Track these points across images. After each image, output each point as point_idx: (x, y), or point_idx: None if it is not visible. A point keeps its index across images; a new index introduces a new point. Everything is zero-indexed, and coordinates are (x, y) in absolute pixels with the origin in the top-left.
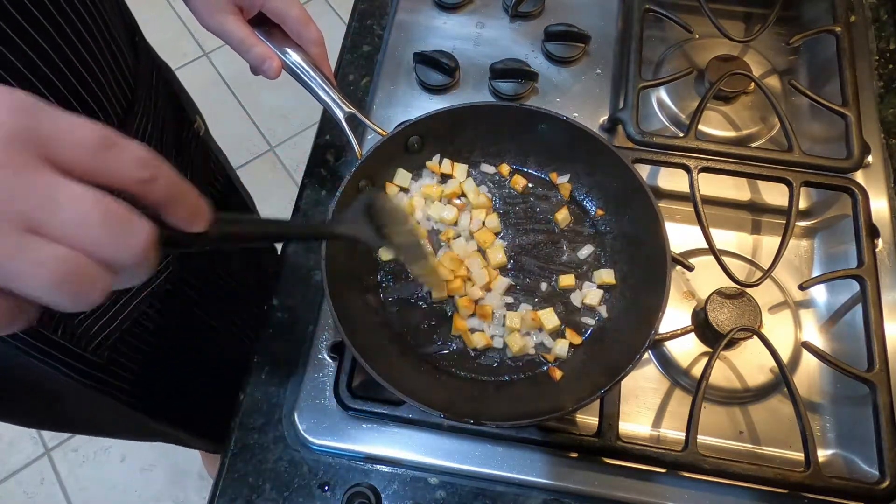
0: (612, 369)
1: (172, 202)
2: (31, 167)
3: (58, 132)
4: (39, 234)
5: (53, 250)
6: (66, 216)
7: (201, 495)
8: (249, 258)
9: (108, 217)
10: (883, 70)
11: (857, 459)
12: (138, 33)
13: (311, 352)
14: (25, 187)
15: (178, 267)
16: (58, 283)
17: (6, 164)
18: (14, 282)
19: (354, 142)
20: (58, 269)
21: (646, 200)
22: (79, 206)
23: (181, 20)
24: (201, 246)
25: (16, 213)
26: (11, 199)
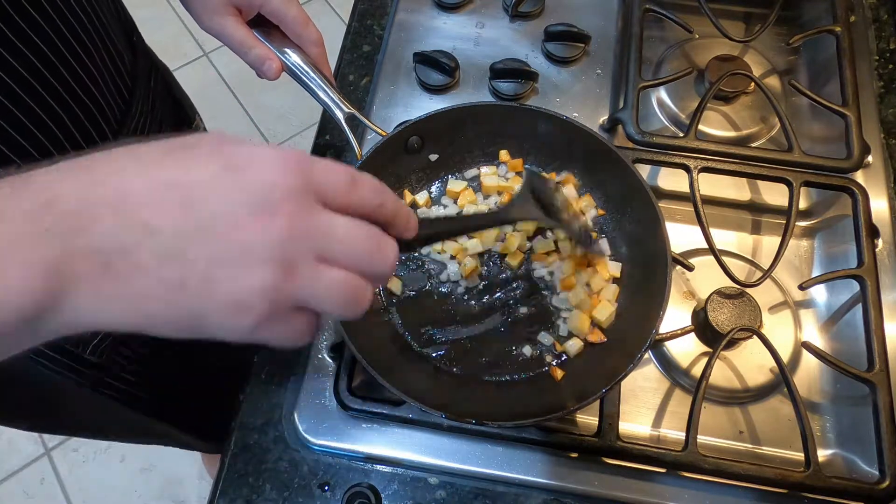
0: (612, 369)
1: (394, 218)
2: (314, 210)
3: (324, 179)
4: (326, 261)
5: (337, 275)
6: (343, 244)
7: (201, 495)
8: None
9: (370, 242)
10: (883, 70)
11: (857, 459)
12: (136, 33)
13: (311, 352)
14: (314, 227)
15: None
16: (344, 300)
17: (300, 212)
18: (315, 301)
19: (354, 142)
20: (343, 289)
21: (646, 200)
22: (349, 236)
23: (181, 20)
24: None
25: (310, 248)
26: (308, 238)
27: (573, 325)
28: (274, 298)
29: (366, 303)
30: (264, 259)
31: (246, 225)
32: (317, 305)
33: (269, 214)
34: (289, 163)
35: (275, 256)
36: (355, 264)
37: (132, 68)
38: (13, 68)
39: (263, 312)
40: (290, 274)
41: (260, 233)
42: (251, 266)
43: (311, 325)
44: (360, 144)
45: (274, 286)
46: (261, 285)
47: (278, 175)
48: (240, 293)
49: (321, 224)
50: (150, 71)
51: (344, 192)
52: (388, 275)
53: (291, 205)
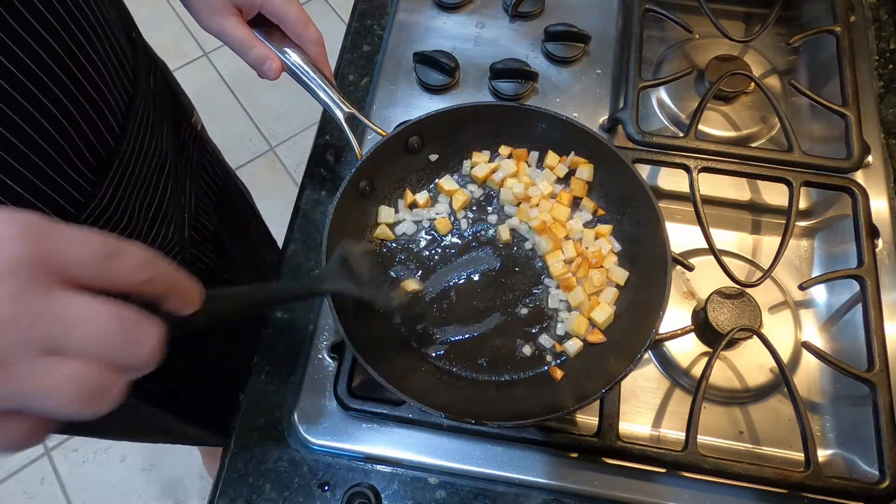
0: (612, 369)
1: (169, 293)
2: (43, 291)
3: (66, 250)
4: (56, 354)
5: (70, 369)
6: (81, 333)
7: (201, 495)
8: (250, 258)
9: (121, 326)
10: (883, 70)
11: (857, 459)
12: (135, 30)
13: (311, 352)
14: (41, 312)
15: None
16: (78, 398)
17: (22, 293)
18: (35, 404)
19: (354, 142)
20: (77, 386)
21: (646, 200)
22: (92, 320)
23: (181, 20)
24: (197, 325)
25: (33, 339)
26: (28, 327)
27: (571, 326)
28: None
29: (110, 402)
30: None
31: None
32: (36, 408)
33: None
34: (17, 233)
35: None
36: (98, 355)
37: (133, 63)
38: (20, 59)
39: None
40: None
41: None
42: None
43: (31, 429)
44: (360, 144)
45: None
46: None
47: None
48: None
49: (50, 308)
50: (150, 67)
51: (94, 267)
52: (146, 364)
53: (9, 285)
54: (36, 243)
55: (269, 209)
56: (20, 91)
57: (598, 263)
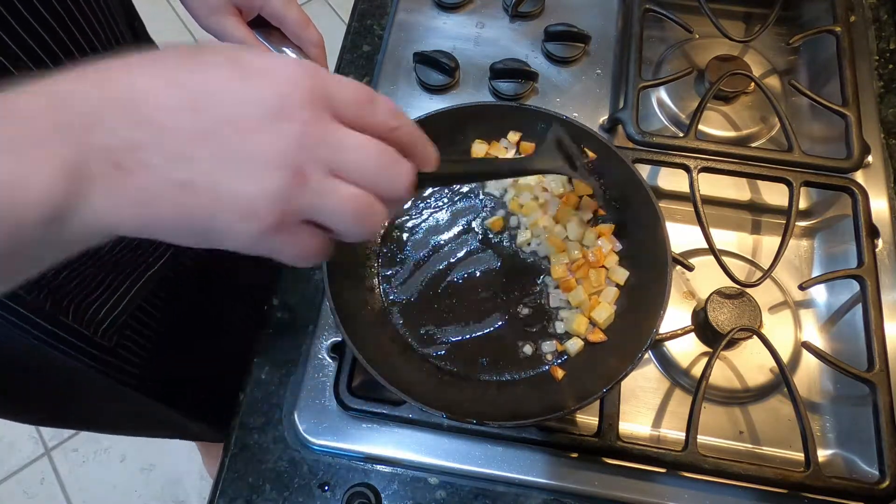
0: (612, 369)
1: (412, 146)
2: (326, 121)
3: (340, 92)
4: (338, 175)
5: (349, 190)
6: (355, 160)
7: (201, 495)
8: (250, 257)
9: (384, 159)
10: (883, 70)
11: (857, 459)
12: (137, 19)
13: (311, 352)
14: (329, 138)
15: (174, 253)
16: (355, 216)
17: (315, 121)
18: (326, 216)
19: None
20: (354, 205)
21: (646, 200)
22: (363, 151)
23: (181, 20)
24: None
25: (324, 159)
26: (321, 148)
27: (571, 325)
28: (282, 206)
29: (377, 223)
30: (274, 165)
31: (257, 130)
32: (326, 219)
33: (281, 121)
34: (304, 74)
35: (285, 163)
36: (368, 181)
37: (135, 51)
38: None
39: (271, 220)
40: (300, 183)
41: (271, 138)
42: (260, 171)
43: (320, 244)
44: None
45: (282, 193)
46: (268, 191)
47: (293, 84)
48: (247, 198)
49: (334, 136)
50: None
51: (359, 109)
52: (403, 196)
53: (305, 113)
54: (319, 86)
55: None
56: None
57: (599, 263)
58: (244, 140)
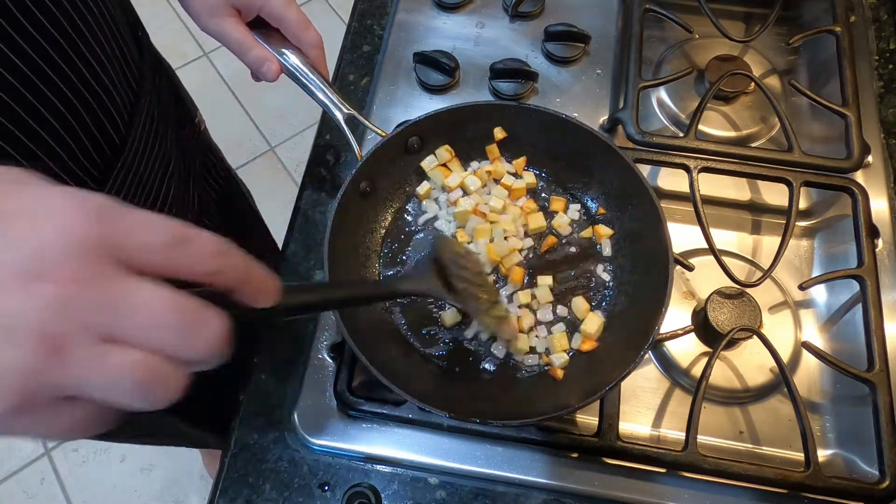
0: (612, 369)
1: (241, 285)
2: (106, 276)
3: (132, 235)
4: (114, 341)
5: (131, 357)
6: (142, 321)
7: (201, 495)
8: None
9: (183, 317)
10: (883, 70)
11: (857, 459)
12: (141, 28)
13: (311, 352)
14: (103, 298)
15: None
16: (136, 388)
17: (84, 278)
18: (95, 391)
19: (354, 143)
20: (135, 375)
21: (647, 199)
22: (154, 309)
23: (181, 20)
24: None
25: (94, 324)
26: (90, 312)
27: (551, 343)
28: (26, 384)
29: (171, 393)
30: (18, 333)
31: (2, 291)
32: (95, 395)
33: (35, 279)
34: (83, 214)
35: (31, 331)
36: (159, 346)
37: (139, 62)
38: (28, 55)
39: (12, 402)
40: (54, 355)
41: (19, 302)
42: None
43: (88, 418)
44: (359, 145)
45: (25, 369)
46: (8, 366)
47: (65, 228)
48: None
49: (112, 293)
50: (155, 66)
51: (161, 254)
52: (208, 357)
53: (69, 267)
54: (104, 226)
55: (269, 209)
56: (27, 86)
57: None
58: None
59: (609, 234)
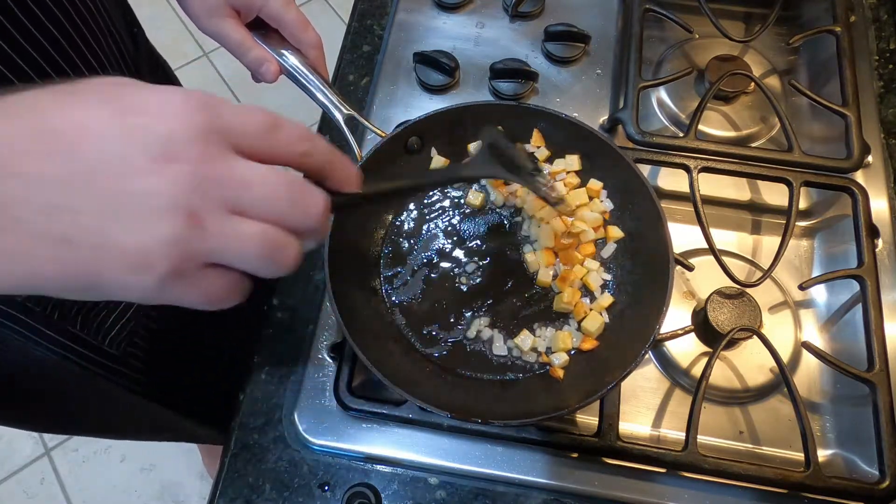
0: (613, 369)
1: (328, 170)
2: (222, 157)
3: (236, 122)
4: (239, 213)
5: (253, 227)
6: (258, 195)
7: (201, 495)
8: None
9: (291, 191)
10: (883, 70)
11: (857, 459)
12: (136, 25)
13: (311, 352)
14: (225, 174)
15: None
16: (262, 254)
17: (207, 158)
18: (231, 257)
19: (354, 143)
20: (261, 241)
21: (648, 199)
22: (266, 185)
23: (181, 20)
24: (359, 204)
25: (220, 198)
26: (219, 187)
27: (555, 343)
28: (178, 253)
29: (290, 259)
30: (163, 209)
31: (141, 172)
32: (232, 261)
33: (168, 160)
34: (192, 105)
35: (176, 206)
36: (275, 216)
37: (135, 58)
38: (25, 51)
39: (167, 269)
40: (195, 226)
41: (157, 181)
42: (147, 218)
43: (230, 284)
44: (359, 145)
45: (175, 239)
46: (160, 238)
47: (180, 119)
48: (135, 248)
49: (230, 171)
50: (152, 64)
51: (260, 138)
52: (316, 229)
53: (195, 150)
54: (211, 114)
55: None
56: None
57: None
58: (127, 184)
59: (620, 236)
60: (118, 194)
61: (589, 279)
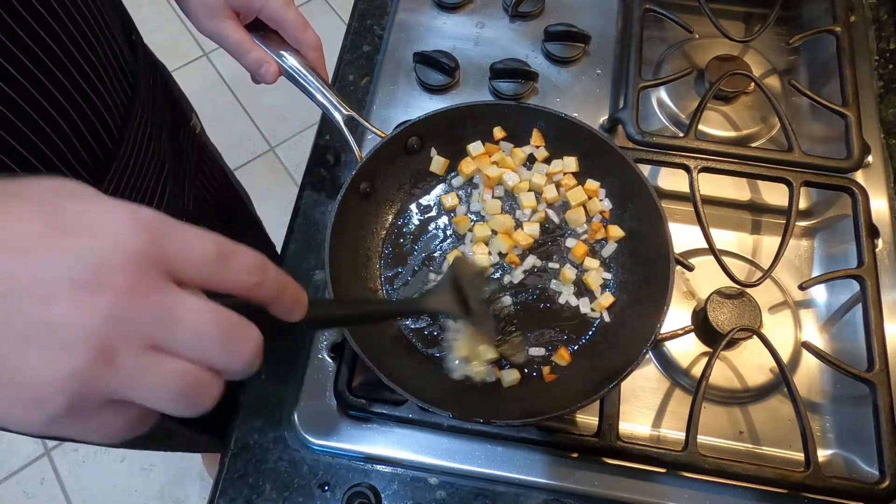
0: (613, 369)
1: (277, 299)
2: (155, 288)
3: (180, 249)
4: (161, 350)
5: (174, 366)
6: (186, 332)
7: (201, 495)
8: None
9: (224, 330)
10: (883, 70)
11: (857, 459)
12: (135, 32)
13: (311, 352)
14: (151, 309)
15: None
16: (178, 395)
17: (138, 290)
18: (140, 396)
19: (354, 144)
20: (178, 383)
21: (648, 198)
22: (198, 322)
23: (181, 20)
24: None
25: (142, 334)
26: (142, 322)
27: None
28: (75, 390)
29: (209, 400)
30: (72, 342)
31: (59, 300)
32: (140, 399)
33: (91, 290)
34: (136, 230)
35: (87, 340)
36: (199, 356)
37: (133, 65)
38: (19, 60)
39: (61, 405)
40: (107, 362)
41: (73, 311)
42: (54, 350)
43: (131, 420)
44: (359, 145)
45: (76, 375)
46: (60, 373)
47: (119, 241)
48: (34, 381)
49: (158, 305)
50: (149, 69)
51: (206, 268)
52: (245, 369)
53: (124, 280)
54: (156, 241)
55: (269, 209)
56: (19, 92)
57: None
58: (41, 313)
59: (620, 235)
60: (31, 323)
61: (589, 279)
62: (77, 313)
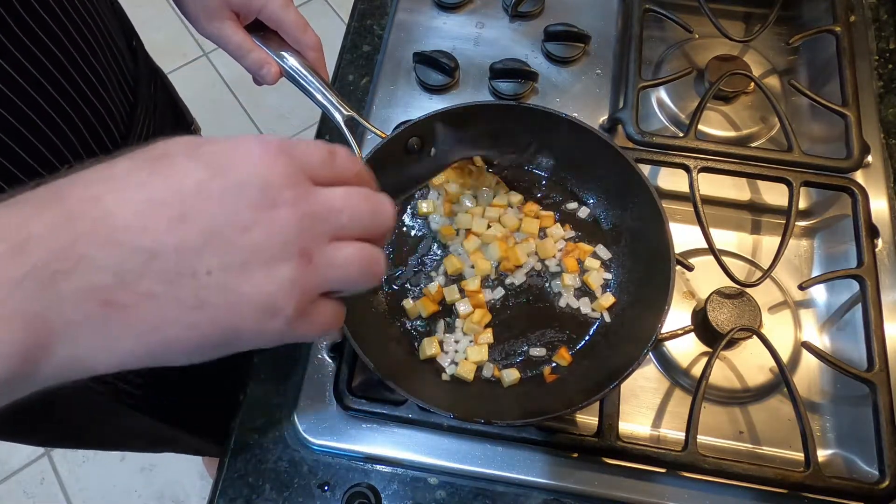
0: (613, 369)
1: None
2: (310, 192)
3: (306, 157)
4: (335, 238)
5: (350, 249)
6: (346, 217)
7: (201, 495)
8: None
9: (369, 204)
10: (883, 70)
11: (857, 459)
12: (135, 38)
13: (311, 352)
14: (316, 208)
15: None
16: (364, 270)
17: (299, 199)
18: (338, 283)
19: (354, 144)
20: (359, 261)
21: (649, 198)
22: (349, 205)
23: (181, 20)
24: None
25: (321, 231)
26: (315, 221)
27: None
28: (300, 292)
29: (382, 267)
30: (280, 254)
31: (251, 224)
32: (340, 286)
33: (270, 208)
34: (271, 151)
35: (291, 248)
36: (362, 230)
37: (134, 71)
38: (23, 67)
39: (294, 309)
40: (309, 262)
41: (268, 228)
42: (269, 265)
43: (337, 310)
44: (359, 146)
45: (297, 279)
46: (285, 282)
47: (265, 166)
48: (266, 296)
49: (321, 203)
50: (150, 75)
51: (326, 166)
52: (391, 228)
53: (289, 192)
54: (289, 158)
55: None
56: (23, 98)
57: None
58: (245, 240)
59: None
60: (237, 250)
61: (590, 279)
62: (269, 230)
